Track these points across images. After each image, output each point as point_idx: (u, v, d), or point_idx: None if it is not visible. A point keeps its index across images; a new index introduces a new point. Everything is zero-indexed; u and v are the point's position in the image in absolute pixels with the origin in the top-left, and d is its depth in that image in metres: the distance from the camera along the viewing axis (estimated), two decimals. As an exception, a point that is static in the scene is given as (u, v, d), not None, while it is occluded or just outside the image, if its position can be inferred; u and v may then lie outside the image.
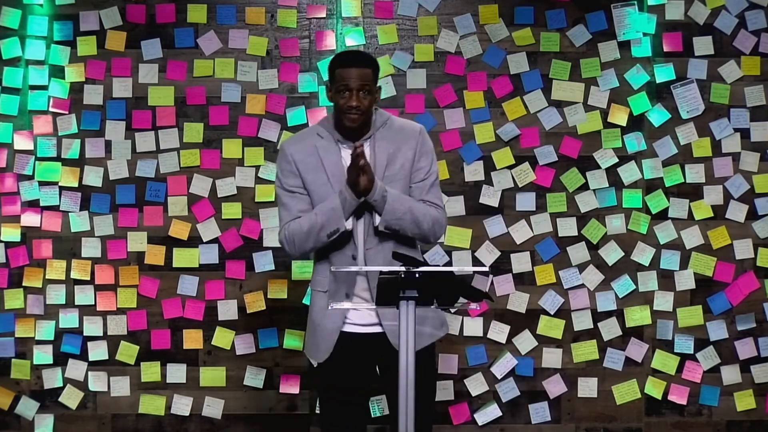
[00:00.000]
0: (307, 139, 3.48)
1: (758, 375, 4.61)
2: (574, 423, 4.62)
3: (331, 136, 3.45)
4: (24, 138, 4.53)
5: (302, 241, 3.40)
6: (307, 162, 3.44)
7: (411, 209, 3.38)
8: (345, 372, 3.44)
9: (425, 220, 3.41)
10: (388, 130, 3.47)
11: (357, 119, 3.36)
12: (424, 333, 3.44)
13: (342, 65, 3.36)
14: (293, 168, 3.45)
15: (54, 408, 4.54)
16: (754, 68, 4.62)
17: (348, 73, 3.34)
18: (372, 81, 3.36)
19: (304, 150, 3.46)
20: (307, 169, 3.44)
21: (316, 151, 3.44)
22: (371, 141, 3.44)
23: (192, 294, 4.54)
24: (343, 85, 3.34)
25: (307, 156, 3.44)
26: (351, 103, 3.33)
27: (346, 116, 3.36)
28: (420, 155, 3.46)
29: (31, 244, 4.52)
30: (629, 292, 4.59)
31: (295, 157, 3.45)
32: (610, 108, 4.61)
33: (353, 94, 3.33)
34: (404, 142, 3.45)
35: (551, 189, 4.60)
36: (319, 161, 3.43)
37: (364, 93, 3.34)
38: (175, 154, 4.56)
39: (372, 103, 3.39)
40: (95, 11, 4.55)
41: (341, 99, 3.35)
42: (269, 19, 4.59)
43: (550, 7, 4.61)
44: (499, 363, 4.58)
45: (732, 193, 4.61)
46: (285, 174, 3.47)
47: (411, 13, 4.60)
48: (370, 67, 3.38)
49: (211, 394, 4.55)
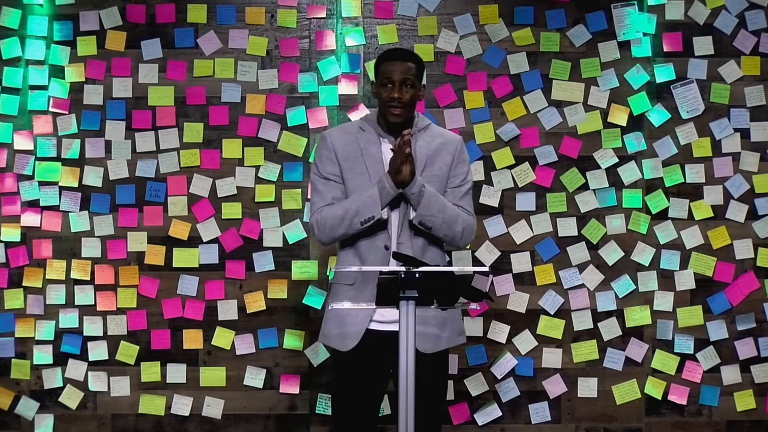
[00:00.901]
0: (350, 130, 3.58)
1: (758, 375, 4.61)
2: (574, 423, 4.62)
3: (373, 129, 3.54)
4: (24, 138, 4.53)
5: (334, 227, 3.46)
6: (347, 151, 3.51)
7: (445, 208, 3.46)
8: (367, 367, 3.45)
9: (458, 222, 3.48)
10: (429, 134, 3.56)
11: (400, 113, 3.45)
12: (442, 337, 3.50)
13: (386, 60, 3.48)
14: (332, 155, 3.52)
15: (54, 408, 4.54)
16: (754, 68, 4.62)
17: (392, 66, 3.46)
18: (414, 75, 3.46)
19: (346, 139, 3.54)
20: (346, 157, 3.51)
21: (357, 142, 3.52)
22: (412, 140, 3.50)
23: (192, 294, 4.54)
24: (386, 78, 3.45)
25: (347, 145, 3.52)
26: (393, 94, 3.43)
27: (389, 110, 3.45)
28: (458, 162, 3.56)
29: (31, 244, 4.52)
30: (629, 292, 4.59)
31: (335, 144, 3.53)
32: (610, 108, 4.61)
33: (396, 87, 3.43)
34: (444, 148, 3.55)
35: (551, 189, 4.60)
36: (360, 152, 3.51)
37: (407, 87, 3.44)
38: (175, 154, 4.56)
39: (414, 98, 3.48)
40: (95, 11, 4.55)
41: (384, 92, 3.46)
42: (269, 19, 4.59)
43: (550, 7, 4.61)
44: (499, 363, 4.58)
45: (732, 193, 4.61)
46: (323, 161, 3.54)
47: (411, 13, 4.60)
48: (414, 62, 3.49)
49: (211, 394, 4.55)
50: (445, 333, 3.52)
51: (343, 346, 3.49)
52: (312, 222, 3.53)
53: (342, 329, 3.50)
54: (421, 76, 3.52)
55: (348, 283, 3.49)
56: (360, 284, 3.46)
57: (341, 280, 3.52)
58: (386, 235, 3.46)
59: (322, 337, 3.60)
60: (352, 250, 3.51)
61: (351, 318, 3.48)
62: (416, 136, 3.52)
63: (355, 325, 3.47)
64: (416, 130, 3.53)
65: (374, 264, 3.43)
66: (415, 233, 3.46)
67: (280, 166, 4.56)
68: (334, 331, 3.52)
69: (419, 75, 3.49)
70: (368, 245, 3.47)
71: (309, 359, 4.54)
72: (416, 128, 3.53)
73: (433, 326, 3.48)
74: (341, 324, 3.50)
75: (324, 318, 3.59)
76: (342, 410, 3.52)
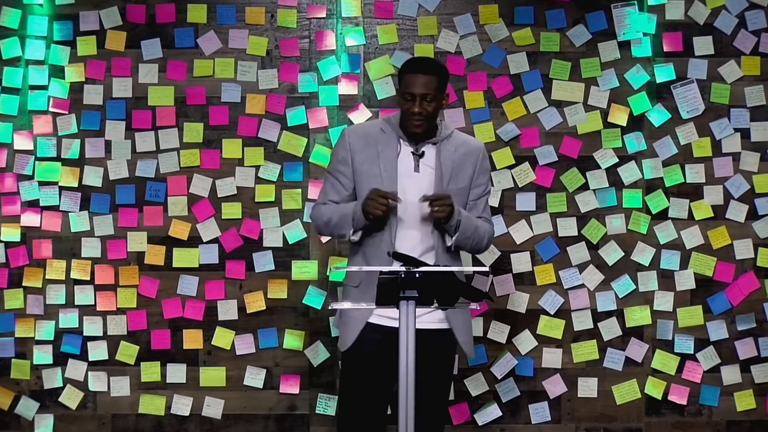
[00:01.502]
0: (370, 130, 3.61)
1: (758, 375, 4.61)
2: (574, 423, 4.62)
3: (394, 132, 3.56)
4: (24, 138, 4.53)
5: (320, 227, 3.62)
6: (364, 152, 3.54)
7: (477, 229, 3.55)
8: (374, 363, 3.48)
9: (486, 236, 3.60)
10: (452, 143, 3.59)
11: (420, 124, 3.48)
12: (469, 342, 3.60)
13: (409, 71, 3.48)
14: (348, 156, 3.57)
15: (54, 408, 4.54)
16: (754, 68, 4.62)
17: (414, 79, 3.45)
18: (436, 88, 3.46)
19: (365, 139, 3.57)
20: (362, 160, 3.54)
21: (375, 144, 3.55)
22: (436, 149, 3.54)
23: (192, 294, 4.54)
24: (408, 92, 3.45)
25: (365, 146, 3.55)
26: (414, 109, 3.44)
27: (410, 122, 3.48)
28: (480, 172, 3.61)
29: (31, 244, 4.52)
30: (629, 292, 4.59)
31: (354, 145, 3.57)
32: (610, 108, 4.61)
33: (416, 101, 3.43)
34: (467, 159, 3.59)
35: (551, 189, 4.60)
36: (377, 154, 3.53)
37: (428, 100, 3.44)
38: (175, 154, 4.56)
39: (437, 109, 3.50)
40: (95, 11, 4.55)
41: (405, 104, 3.47)
42: (269, 19, 4.59)
43: (550, 7, 4.61)
44: (499, 363, 4.58)
45: (732, 193, 4.61)
46: (338, 158, 3.60)
47: (411, 13, 4.60)
48: (436, 74, 3.48)
49: (211, 394, 4.55)
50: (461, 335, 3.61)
51: (345, 342, 3.53)
52: (310, 212, 3.70)
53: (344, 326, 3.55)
54: (445, 87, 3.53)
55: (353, 285, 3.52)
56: (364, 286, 3.47)
57: (349, 282, 3.59)
58: (389, 241, 3.48)
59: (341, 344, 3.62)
60: (358, 256, 3.56)
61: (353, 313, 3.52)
62: (440, 145, 3.55)
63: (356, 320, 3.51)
64: (439, 138, 3.56)
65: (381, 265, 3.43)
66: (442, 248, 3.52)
67: (280, 166, 4.56)
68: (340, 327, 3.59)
69: (442, 86, 3.50)
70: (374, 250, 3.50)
71: (309, 359, 4.54)
72: (440, 137, 3.57)
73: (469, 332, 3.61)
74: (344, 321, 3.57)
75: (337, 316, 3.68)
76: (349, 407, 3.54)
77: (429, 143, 3.56)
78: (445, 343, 3.54)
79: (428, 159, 3.55)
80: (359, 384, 3.52)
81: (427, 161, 3.55)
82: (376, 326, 3.48)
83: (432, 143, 3.56)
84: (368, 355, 3.48)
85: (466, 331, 3.59)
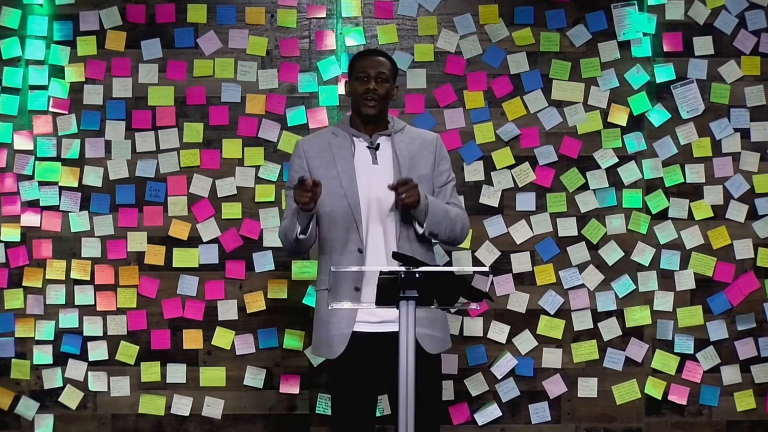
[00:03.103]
0: (322, 136, 3.62)
1: (758, 375, 4.61)
2: (574, 423, 4.62)
3: (346, 133, 3.57)
4: (24, 138, 4.53)
5: (284, 241, 3.57)
6: (319, 157, 3.54)
7: (447, 211, 3.51)
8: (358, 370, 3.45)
9: (458, 221, 3.54)
10: (407, 135, 3.59)
11: (374, 105, 3.49)
12: (436, 337, 3.52)
13: (360, 57, 3.57)
14: (303, 163, 3.56)
15: (54, 408, 4.54)
16: (754, 68, 4.62)
17: (366, 61, 3.53)
18: (389, 71, 3.53)
19: (318, 145, 3.57)
20: (318, 164, 3.53)
21: (329, 147, 3.54)
22: (390, 142, 3.55)
23: (192, 294, 4.54)
24: (361, 72, 3.50)
25: (320, 151, 3.55)
26: (368, 86, 3.47)
27: (365, 101, 3.50)
28: (439, 159, 3.60)
29: (31, 244, 4.52)
30: (629, 292, 4.59)
31: (307, 152, 3.57)
32: (610, 108, 4.61)
33: (371, 79, 3.48)
34: (424, 148, 3.58)
35: (551, 189, 4.60)
36: (332, 156, 3.53)
37: (381, 80, 3.50)
38: (175, 154, 4.56)
39: (388, 92, 3.53)
40: (95, 11, 4.55)
41: (360, 86, 3.50)
42: (269, 19, 4.59)
43: (550, 7, 4.61)
44: (499, 363, 4.58)
45: (732, 193, 4.61)
46: (294, 169, 3.58)
47: (411, 13, 4.60)
48: (388, 59, 3.57)
49: (211, 394, 4.55)
50: (446, 335, 3.59)
51: (331, 353, 3.48)
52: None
53: (327, 336, 3.48)
54: (395, 76, 3.59)
55: (324, 288, 3.48)
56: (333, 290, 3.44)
57: (321, 286, 3.54)
58: (357, 238, 3.46)
59: (314, 349, 3.60)
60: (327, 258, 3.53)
61: (335, 323, 3.46)
62: (393, 138, 3.55)
63: (340, 329, 3.46)
64: (392, 131, 3.56)
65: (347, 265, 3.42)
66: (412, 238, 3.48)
67: (280, 166, 4.56)
68: (321, 338, 3.52)
69: (392, 72, 3.56)
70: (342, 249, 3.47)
71: (309, 359, 4.54)
72: (392, 130, 3.57)
73: (438, 328, 3.52)
74: (326, 330, 3.49)
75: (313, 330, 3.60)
76: (340, 414, 3.52)
77: (383, 135, 3.54)
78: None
79: (384, 151, 3.53)
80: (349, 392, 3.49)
81: (383, 153, 3.53)
82: (362, 334, 3.44)
83: (386, 135, 3.55)
84: (357, 365, 3.45)
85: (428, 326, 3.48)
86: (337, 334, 3.46)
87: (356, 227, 3.46)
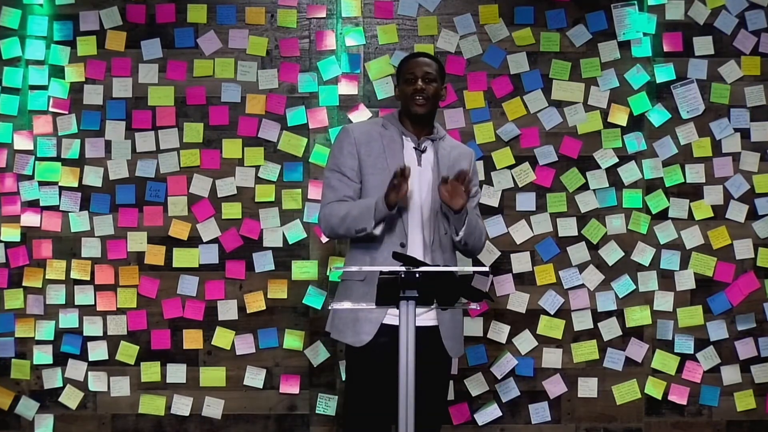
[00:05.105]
0: (372, 127, 3.63)
1: (758, 375, 4.61)
2: (574, 423, 4.62)
3: (395, 128, 3.59)
4: (24, 138, 4.53)
5: (335, 226, 3.52)
6: (370, 146, 3.55)
7: (477, 223, 3.59)
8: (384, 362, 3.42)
9: (482, 234, 3.63)
10: (447, 143, 3.64)
11: (424, 104, 3.52)
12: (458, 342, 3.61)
13: (408, 59, 3.61)
14: (354, 150, 3.56)
15: (54, 408, 4.54)
16: (754, 68, 4.62)
17: (414, 62, 3.57)
18: (435, 71, 3.56)
19: (369, 134, 3.58)
20: (369, 152, 3.54)
21: (380, 138, 3.57)
22: (434, 146, 3.59)
23: (192, 294, 4.54)
24: (409, 74, 3.55)
25: (371, 140, 3.56)
26: (417, 86, 3.51)
27: (413, 102, 3.53)
28: (473, 172, 3.64)
29: (31, 244, 4.52)
30: (629, 292, 4.59)
31: (358, 139, 3.57)
32: (610, 108, 4.61)
33: (417, 80, 3.52)
34: (462, 158, 3.64)
35: (551, 189, 4.60)
36: (382, 148, 3.55)
37: (430, 80, 3.54)
38: (175, 154, 4.56)
39: (437, 93, 3.57)
40: (95, 11, 4.55)
41: (408, 87, 3.54)
42: (269, 19, 4.59)
43: (550, 7, 4.61)
44: (499, 363, 4.58)
45: (732, 193, 4.61)
46: (344, 154, 3.56)
47: (411, 13, 4.60)
48: (436, 61, 3.61)
49: (211, 394, 4.55)
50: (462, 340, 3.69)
51: (357, 340, 3.47)
52: (320, 216, 3.58)
53: (356, 324, 3.49)
54: (444, 77, 3.62)
55: (359, 279, 3.50)
56: (370, 280, 3.44)
57: (353, 276, 3.54)
58: (402, 232, 3.48)
59: (335, 331, 3.57)
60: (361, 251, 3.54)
61: (365, 312, 3.48)
62: (438, 143, 3.60)
63: (370, 320, 3.47)
64: (437, 136, 3.61)
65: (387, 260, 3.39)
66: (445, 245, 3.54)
67: (280, 166, 4.56)
68: (349, 325, 3.50)
69: (441, 74, 3.60)
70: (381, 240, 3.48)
71: (309, 359, 4.54)
72: (437, 135, 3.61)
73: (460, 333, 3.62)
74: (355, 318, 3.50)
75: (333, 313, 3.59)
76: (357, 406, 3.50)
77: (428, 139, 3.59)
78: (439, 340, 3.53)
79: (428, 155, 3.58)
80: (371, 384, 3.47)
81: (426, 157, 3.58)
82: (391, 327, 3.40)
83: (431, 139, 3.59)
84: (382, 355, 3.42)
85: (453, 331, 3.55)
86: (366, 322, 3.46)
87: (402, 222, 3.47)
